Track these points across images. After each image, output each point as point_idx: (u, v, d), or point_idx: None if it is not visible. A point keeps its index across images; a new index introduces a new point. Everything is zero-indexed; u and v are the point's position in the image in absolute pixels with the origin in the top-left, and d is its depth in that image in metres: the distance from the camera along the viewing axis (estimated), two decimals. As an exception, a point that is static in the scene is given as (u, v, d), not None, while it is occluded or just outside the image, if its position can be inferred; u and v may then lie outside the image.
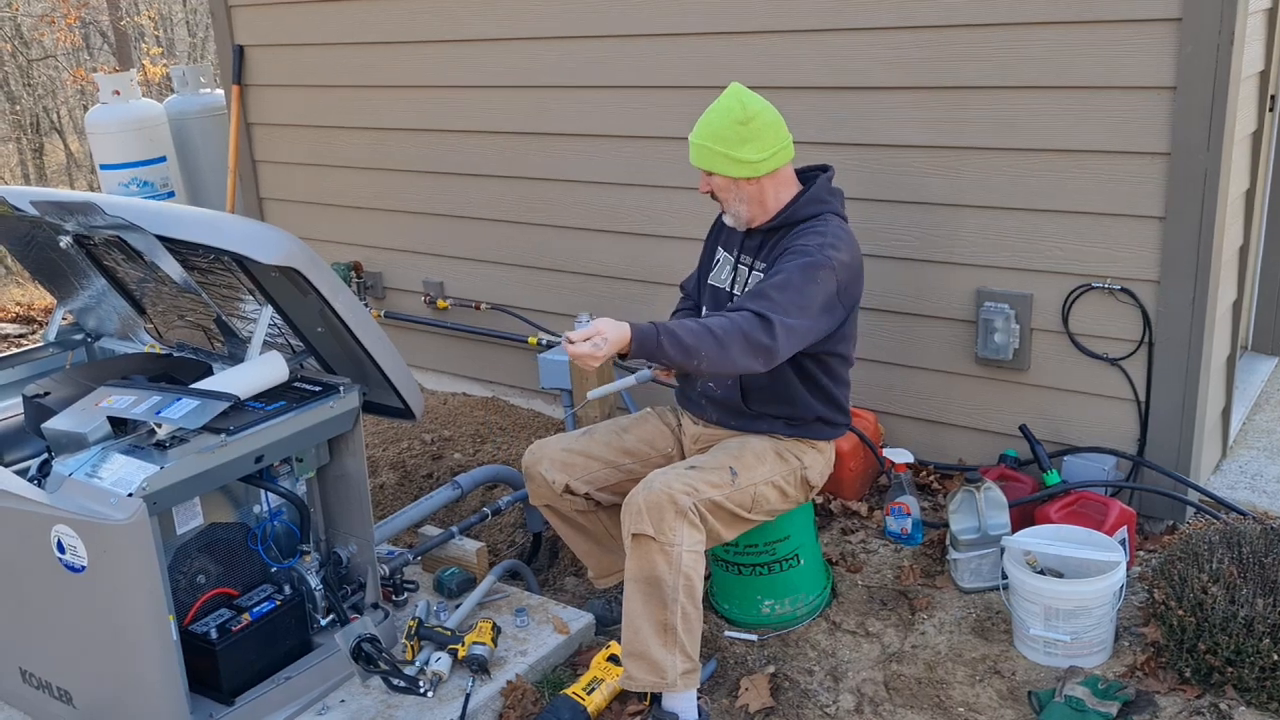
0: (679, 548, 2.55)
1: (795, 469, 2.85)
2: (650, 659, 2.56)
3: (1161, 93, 3.03)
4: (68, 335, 3.34)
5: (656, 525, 2.55)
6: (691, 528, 2.58)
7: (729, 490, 2.70)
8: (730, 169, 2.75)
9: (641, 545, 2.56)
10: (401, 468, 4.28)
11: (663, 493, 2.58)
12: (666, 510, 2.56)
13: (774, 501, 2.82)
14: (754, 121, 2.73)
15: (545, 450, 2.97)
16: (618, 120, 4.10)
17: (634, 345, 2.48)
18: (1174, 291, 3.14)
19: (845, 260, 2.72)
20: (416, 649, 2.88)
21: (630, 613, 2.59)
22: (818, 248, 2.69)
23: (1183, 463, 3.26)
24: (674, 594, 2.55)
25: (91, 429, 2.47)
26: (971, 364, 3.55)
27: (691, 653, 2.59)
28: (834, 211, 2.83)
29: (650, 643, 2.56)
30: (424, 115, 4.69)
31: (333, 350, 2.85)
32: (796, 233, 2.78)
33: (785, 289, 2.62)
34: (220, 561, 2.72)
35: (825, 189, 2.84)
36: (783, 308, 2.58)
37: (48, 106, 15.40)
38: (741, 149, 2.73)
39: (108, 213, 2.57)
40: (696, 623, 2.60)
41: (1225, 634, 2.55)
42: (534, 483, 2.98)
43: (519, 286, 4.63)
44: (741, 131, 2.72)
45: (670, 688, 2.56)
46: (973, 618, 3.00)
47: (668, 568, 2.54)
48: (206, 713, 2.57)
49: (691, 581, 2.57)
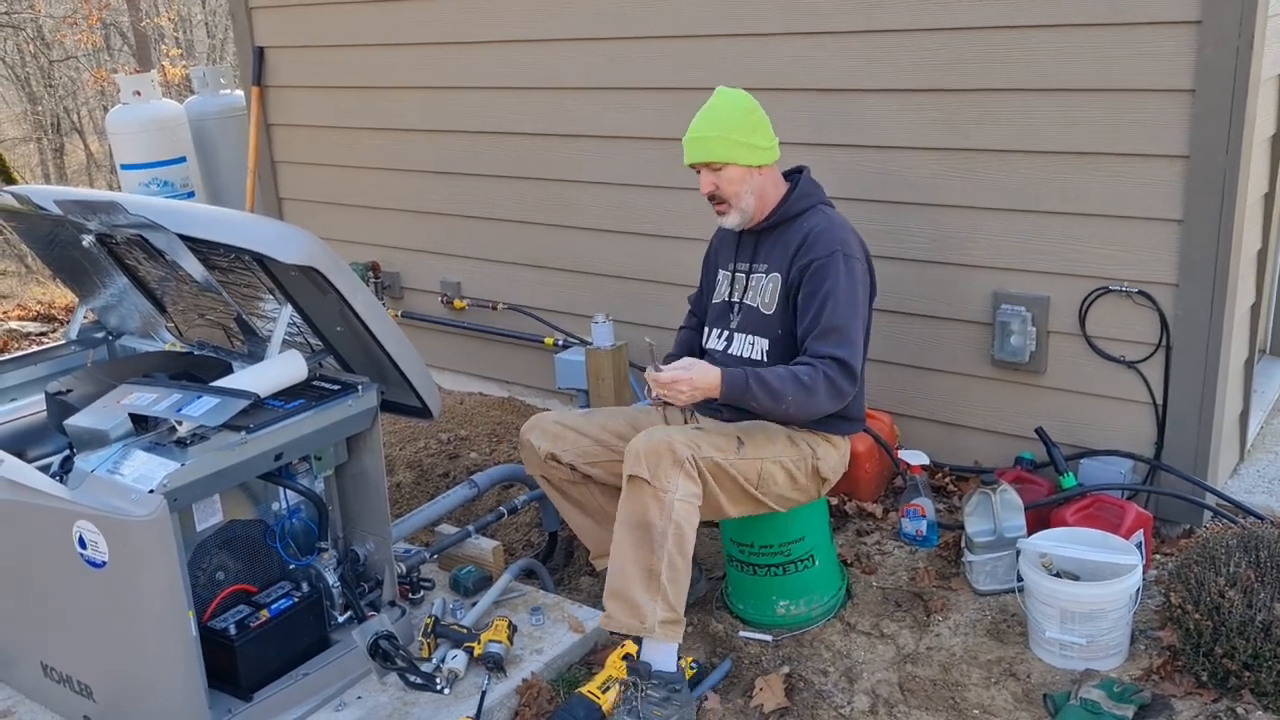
0: (672, 494, 2.56)
1: (806, 456, 2.85)
2: (631, 601, 2.56)
3: (1180, 95, 3.02)
4: (89, 333, 3.37)
5: (653, 470, 2.56)
6: (688, 479, 2.59)
7: (733, 458, 2.70)
8: (747, 156, 2.81)
9: (635, 487, 2.58)
10: (418, 467, 4.30)
11: (663, 440, 2.61)
12: (664, 457, 2.58)
13: (782, 485, 2.81)
14: (756, 111, 2.86)
15: (540, 421, 3.07)
16: (635, 121, 4.11)
17: (724, 389, 2.66)
18: (1192, 294, 3.13)
19: (856, 243, 2.86)
20: (433, 647, 2.89)
21: (617, 554, 2.60)
22: (841, 252, 2.78)
23: (1200, 466, 3.25)
24: (663, 540, 2.55)
25: (113, 426, 2.49)
26: (988, 366, 3.54)
27: (675, 604, 2.58)
28: (824, 202, 2.93)
29: (633, 586, 2.56)
30: (442, 116, 4.71)
31: (351, 349, 2.87)
32: (803, 236, 2.83)
33: (846, 320, 2.73)
34: (239, 558, 2.74)
35: (810, 184, 2.95)
36: (851, 344, 2.74)
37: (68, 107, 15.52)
38: (754, 135, 2.82)
39: (130, 212, 2.59)
40: (684, 575, 2.59)
41: (1242, 638, 2.54)
42: (524, 450, 3.08)
43: (536, 287, 4.64)
44: (751, 119, 2.84)
45: (649, 633, 2.55)
46: (988, 620, 2.99)
47: (659, 513, 2.55)
48: (225, 708, 2.60)
49: (682, 531, 2.57)
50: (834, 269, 2.76)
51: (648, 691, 2.53)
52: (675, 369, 2.65)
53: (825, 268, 2.76)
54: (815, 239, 2.81)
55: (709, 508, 2.74)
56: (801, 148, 3.67)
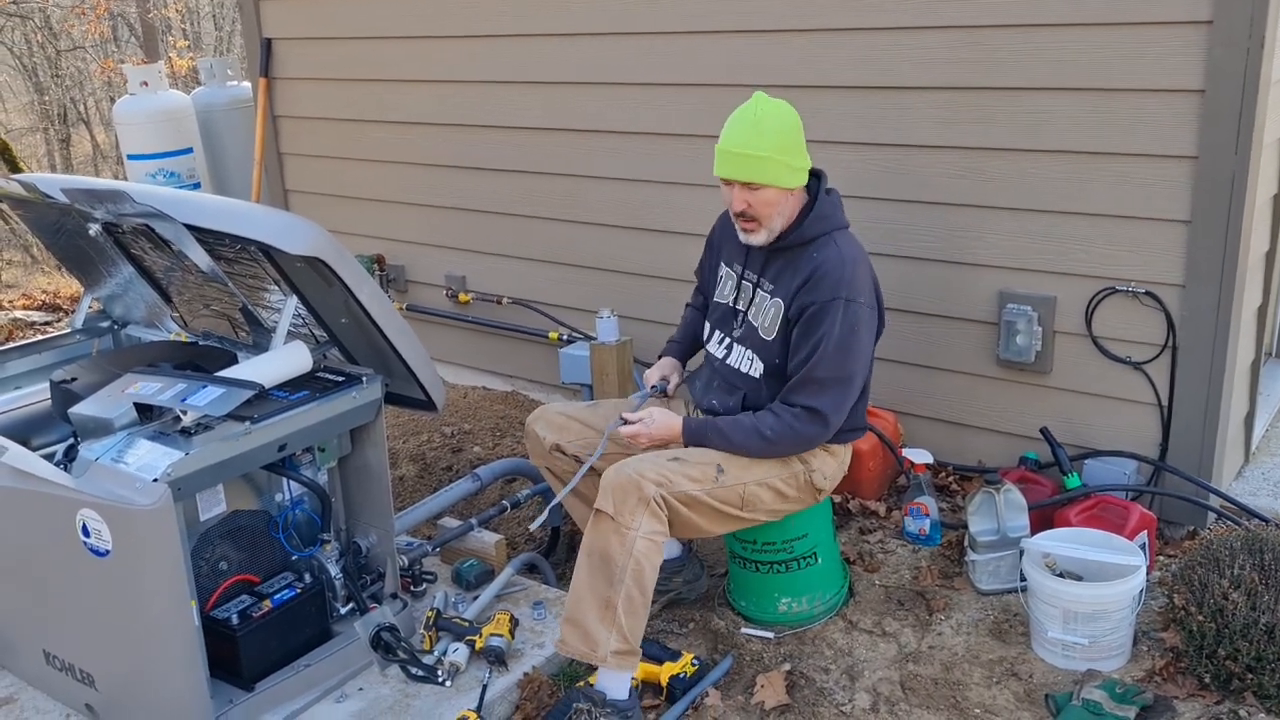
0: (635, 532, 2.58)
1: (798, 472, 2.82)
2: (585, 629, 2.59)
3: (1190, 96, 3.01)
4: (95, 322, 3.37)
5: (618, 506, 2.59)
6: (652, 517, 2.60)
7: (710, 487, 2.70)
8: (789, 179, 2.69)
9: (600, 521, 2.61)
10: (421, 460, 4.30)
11: (632, 476, 2.62)
12: (630, 494, 2.60)
13: (770, 502, 2.81)
14: (801, 129, 2.73)
15: (545, 412, 3.08)
16: (642, 117, 4.11)
17: (685, 439, 2.79)
18: (1199, 296, 3.12)
19: (863, 282, 2.74)
20: (434, 639, 2.89)
21: (577, 582, 2.63)
22: (843, 298, 2.68)
23: (1205, 468, 3.24)
24: (621, 575, 2.57)
25: (118, 415, 2.49)
26: (993, 366, 3.54)
27: (629, 636, 2.59)
28: (839, 226, 2.80)
29: (588, 614, 2.59)
30: (449, 110, 4.71)
31: (356, 341, 2.87)
32: (810, 271, 2.72)
33: (828, 373, 2.70)
34: (242, 548, 2.74)
35: (829, 204, 2.79)
36: (831, 394, 2.71)
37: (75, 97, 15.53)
38: (794, 155, 2.69)
39: (137, 201, 2.59)
40: (641, 609, 2.61)
41: (1246, 640, 2.53)
42: (529, 440, 3.08)
43: (541, 281, 4.64)
44: (798, 139, 2.69)
45: (601, 661, 2.58)
46: (990, 619, 2.99)
47: (620, 549, 2.57)
48: (227, 698, 2.60)
49: (642, 568, 2.58)
50: (831, 317, 2.67)
51: (600, 719, 2.56)
52: (637, 425, 2.79)
53: (821, 315, 2.68)
54: (820, 279, 2.70)
55: (691, 532, 2.79)
56: (811, 145, 3.66)
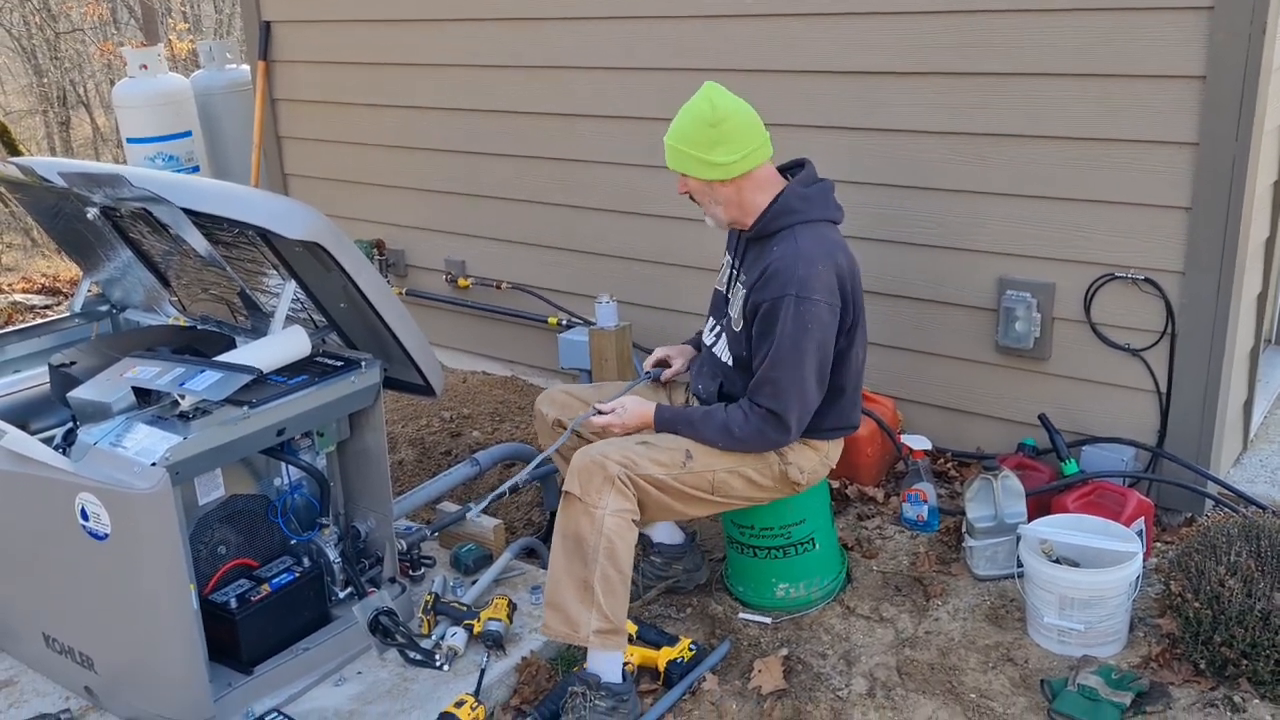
0: (602, 510, 2.60)
1: (772, 462, 2.81)
2: (565, 611, 2.61)
3: (1191, 82, 3.00)
4: (93, 306, 3.37)
5: (584, 487, 2.62)
6: (619, 495, 2.63)
7: (677, 472, 2.71)
8: (703, 171, 2.70)
9: (569, 503, 2.64)
10: (420, 444, 4.30)
11: (596, 458, 2.65)
12: (595, 475, 2.63)
13: (742, 489, 2.81)
14: (725, 123, 2.66)
15: (552, 392, 3.12)
16: (641, 102, 4.10)
17: (657, 426, 2.81)
18: (1198, 283, 3.12)
19: (820, 277, 2.64)
20: (432, 624, 2.90)
21: (554, 566, 2.66)
22: (793, 295, 2.61)
23: (1203, 455, 3.25)
24: (594, 554, 2.59)
25: (116, 399, 2.50)
26: (992, 352, 3.54)
27: (610, 614, 2.60)
28: (805, 220, 2.71)
29: (567, 596, 2.61)
30: (448, 94, 4.70)
31: (355, 326, 2.87)
32: (764, 267, 2.68)
33: (783, 372, 2.66)
34: (241, 532, 2.75)
35: (796, 196, 2.73)
36: (788, 397, 2.68)
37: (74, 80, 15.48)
38: (713, 151, 2.66)
39: (135, 185, 2.59)
40: (620, 587, 2.62)
41: (1241, 627, 2.54)
42: (536, 420, 3.11)
43: (540, 266, 4.64)
44: (712, 134, 2.66)
45: (584, 642, 2.61)
46: (987, 605, 3.00)
47: (590, 529, 2.60)
48: (225, 681, 2.61)
49: (614, 545, 2.60)
50: (781, 315, 2.62)
51: (595, 702, 2.58)
52: (609, 415, 2.82)
53: (772, 312, 2.64)
54: (772, 275, 2.66)
55: (669, 514, 2.81)
56: (806, 130, 3.67)
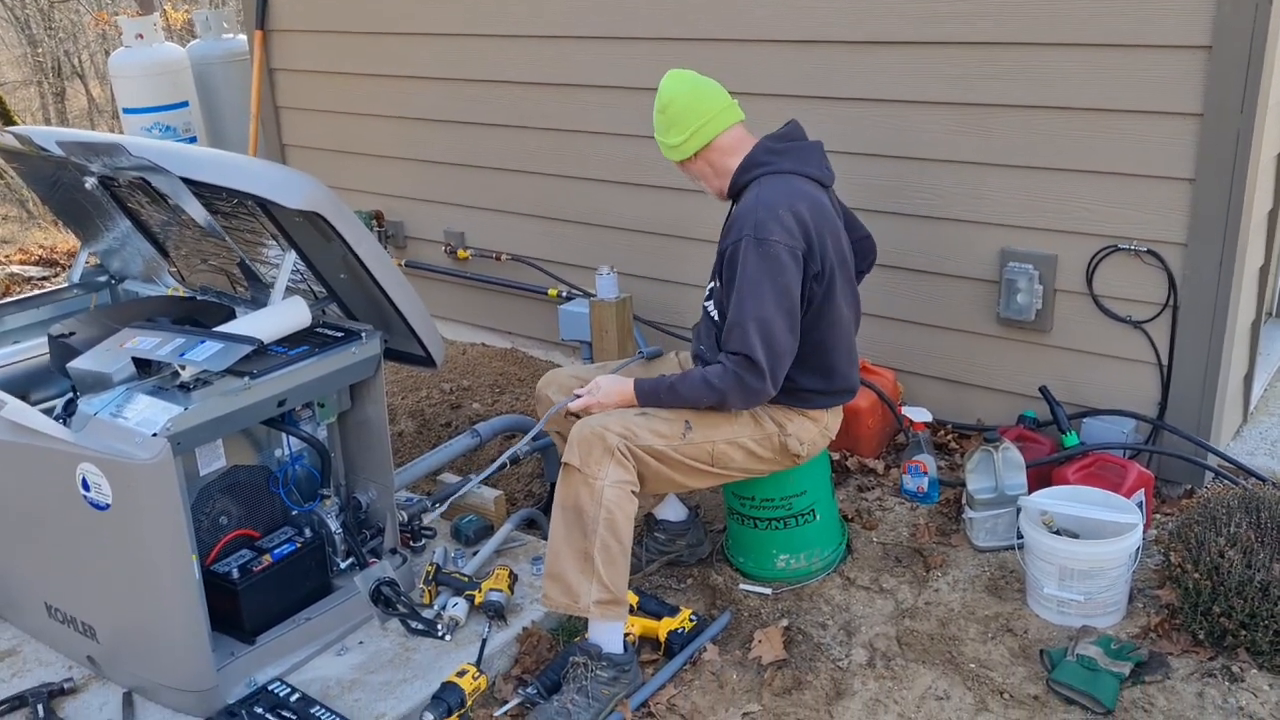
0: (602, 481, 2.61)
1: (772, 434, 2.82)
2: (565, 582, 2.62)
3: (1196, 52, 2.98)
4: (92, 277, 3.35)
5: (583, 458, 2.63)
6: (618, 465, 2.63)
7: (677, 443, 2.72)
8: (669, 154, 2.87)
9: (568, 475, 2.65)
10: (420, 416, 4.30)
11: (596, 429, 2.66)
12: (595, 446, 2.63)
13: (742, 461, 2.81)
14: (670, 108, 2.80)
15: (554, 375, 3.10)
16: (642, 72, 4.06)
17: (639, 399, 2.78)
18: (1201, 255, 3.11)
19: (779, 221, 2.63)
20: (434, 594, 2.91)
21: (554, 537, 2.67)
22: (751, 236, 2.63)
23: (1203, 427, 3.25)
24: (595, 525, 2.60)
25: (116, 369, 2.49)
26: (993, 324, 3.53)
27: (611, 585, 2.61)
28: (772, 171, 2.75)
29: (567, 567, 2.62)
30: (447, 64, 4.66)
31: (355, 297, 2.86)
32: (730, 215, 2.79)
33: (745, 312, 2.63)
34: (242, 503, 2.75)
35: (763, 150, 2.78)
36: (756, 337, 2.63)
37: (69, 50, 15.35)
38: (667, 135, 2.83)
39: (133, 154, 2.57)
40: (620, 558, 2.63)
41: (1240, 598, 2.55)
42: (539, 405, 3.08)
43: (540, 238, 4.62)
44: (662, 120, 2.83)
45: (584, 612, 2.62)
46: (986, 576, 3.01)
47: (590, 500, 2.61)
48: (228, 651, 2.62)
49: (614, 516, 2.61)
50: (741, 257, 2.64)
51: (597, 672, 2.59)
52: (585, 397, 2.80)
53: (734, 255, 2.67)
54: (734, 221, 2.73)
55: (669, 486, 2.80)
56: (807, 100, 3.64)
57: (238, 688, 2.59)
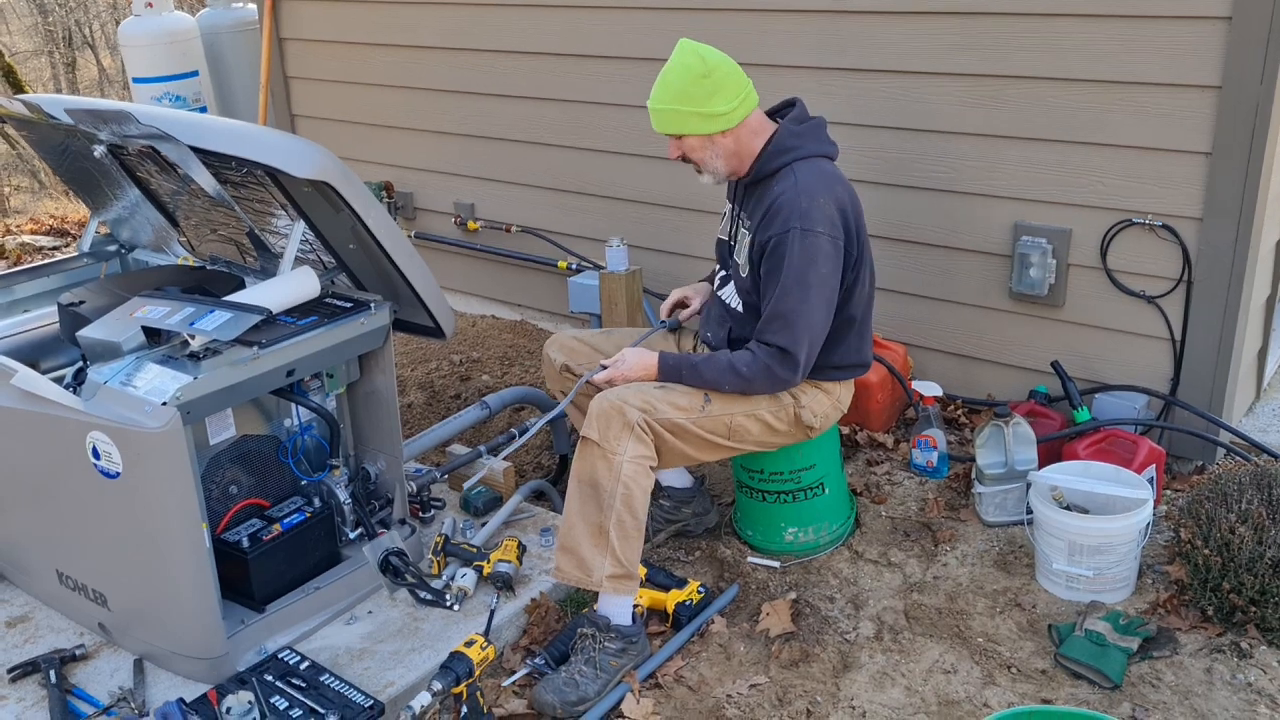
0: (620, 456, 2.60)
1: (788, 405, 2.81)
2: (579, 555, 2.63)
3: (1215, 23, 2.94)
4: (102, 246, 3.36)
5: (602, 432, 2.62)
6: (637, 441, 2.63)
7: (696, 416, 2.71)
8: (703, 126, 2.69)
9: (586, 448, 2.64)
10: (430, 388, 4.31)
11: (616, 403, 2.65)
12: (614, 420, 2.62)
13: (758, 434, 2.81)
14: (716, 72, 2.66)
15: (560, 337, 3.11)
16: (654, 43, 4.03)
17: (661, 374, 2.76)
18: (1216, 230, 3.08)
19: (822, 211, 2.64)
20: (442, 565, 2.92)
21: (569, 510, 2.66)
22: (798, 228, 2.61)
23: (1215, 403, 3.23)
24: (611, 500, 2.60)
25: (126, 338, 2.49)
26: (1005, 299, 3.51)
27: (624, 559, 2.62)
28: (802, 156, 2.71)
29: (581, 541, 2.63)
30: (458, 34, 4.63)
31: (364, 267, 2.85)
32: (769, 205, 2.69)
33: (790, 305, 2.64)
34: (252, 473, 2.76)
35: (789, 134, 2.73)
36: (796, 331, 2.65)
37: (79, 20, 15.32)
38: (710, 103, 2.66)
39: (142, 122, 2.56)
40: (634, 533, 2.63)
41: (1251, 574, 2.54)
42: (544, 365, 3.09)
43: (550, 210, 4.60)
44: (706, 85, 2.66)
45: (597, 586, 2.62)
46: (995, 551, 3.00)
47: (608, 474, 2.60)
48: (238, 619, 2.63)
49: (631, 492, 2.61)
50: (788, 248, 2.62)
51: (605, 643, 2.60)
52: (610, 369, 2.78)
53: (779, 246, 2.64)
54: (776, 211, 2.66)
55: (681, 460, 2.79)
56: (819, 71, 3.61)
57: (248, 655, 2.60)
